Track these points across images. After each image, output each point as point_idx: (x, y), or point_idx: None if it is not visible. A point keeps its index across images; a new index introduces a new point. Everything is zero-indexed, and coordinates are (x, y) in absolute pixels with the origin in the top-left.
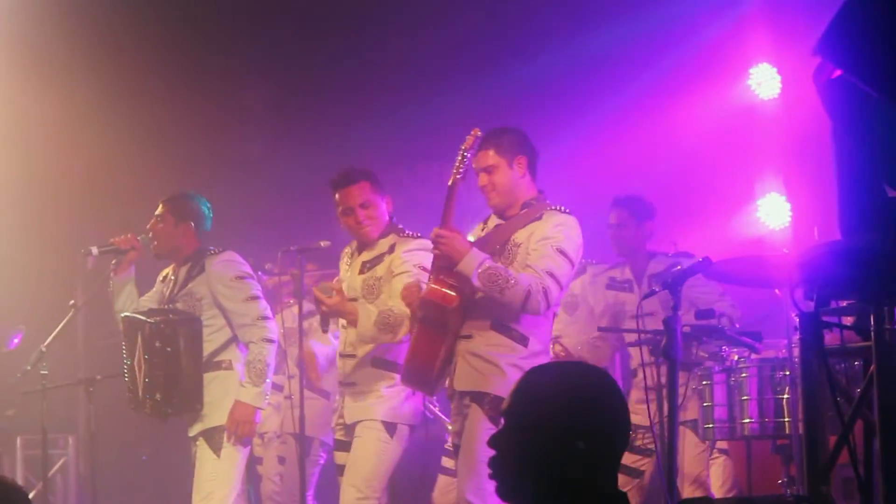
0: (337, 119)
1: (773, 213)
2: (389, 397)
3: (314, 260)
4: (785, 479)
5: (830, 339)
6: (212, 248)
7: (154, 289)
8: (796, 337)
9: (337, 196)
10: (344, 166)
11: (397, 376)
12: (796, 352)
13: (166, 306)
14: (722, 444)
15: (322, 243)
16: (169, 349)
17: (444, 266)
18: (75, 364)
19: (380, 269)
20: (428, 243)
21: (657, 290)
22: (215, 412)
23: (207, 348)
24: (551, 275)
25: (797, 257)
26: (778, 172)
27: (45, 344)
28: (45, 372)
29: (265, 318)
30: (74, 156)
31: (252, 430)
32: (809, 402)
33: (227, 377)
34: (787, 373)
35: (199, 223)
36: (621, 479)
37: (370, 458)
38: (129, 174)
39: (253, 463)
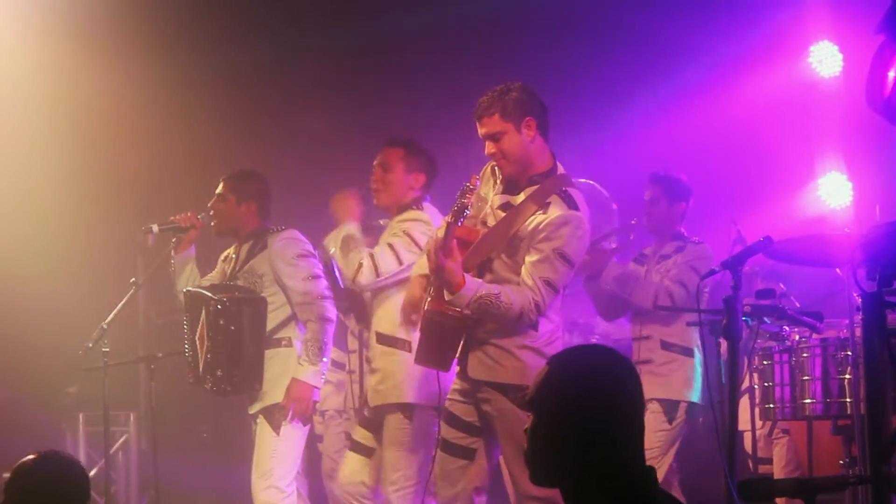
0: (397, 96)
1: (834, 192)
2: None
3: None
4: (846, 460)
5: (893, 318)
6: (274, 226)
7: (216, 268)
8: (858, 317)
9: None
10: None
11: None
12: (858, 332)
13: (229, 283)
14: (783, 424)
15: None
16: (233, 328)
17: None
18: (136, 341)
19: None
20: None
21: (718, 270)
22: (275, 390)
23: (268, 325)
24: (548, 283)
25: (859, 236)
26: (839, 151)
27: (107, 321)
28: (107, 349)
29: (325, 296)
30: (135, 135)
31: (309, 408)
32: (872, 382)
33: (286, 354)
34: (849, 353)
35: (260, 202)
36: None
37: None
38: (189, 153)
39: (314, 440)
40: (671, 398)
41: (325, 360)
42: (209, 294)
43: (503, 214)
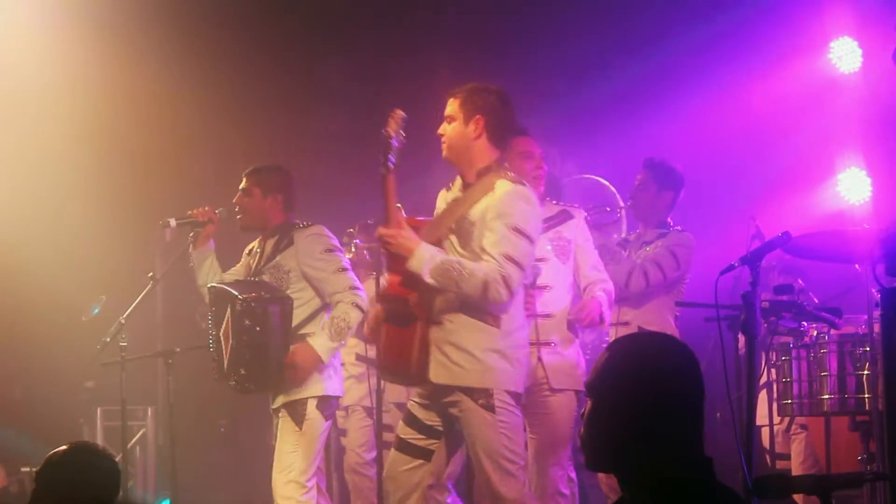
0: (414, 96)
1: (853, 188)
2: None
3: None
4: (864, 456)
5: None
6: (299, 221)
7: (241, 262)
8: (877, 312)
9: (519, 140)
10: None
11: None
12: (877, 327)
13: (254, 279)
14: (801, 420)
15: None
16: (258, 328)
17: (399, 260)
18: (154, 336)
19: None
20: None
21: (736, 265)
22: (299, 385)
23: (294, 321)
24: (509, 259)
25: (878, 232)
26: (858, 147)
27: (125, 316)
28: (125, 343)
29: (356, 287)
30: (153, 129)
31: (303, 376)
32: (890, 378)
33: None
34: (868, 349)
35: (286, 195)
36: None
37: None
38: (208, 147)
39: (337, 435)
40: None
41: (343, 342)
42: (235, 292)
43: None
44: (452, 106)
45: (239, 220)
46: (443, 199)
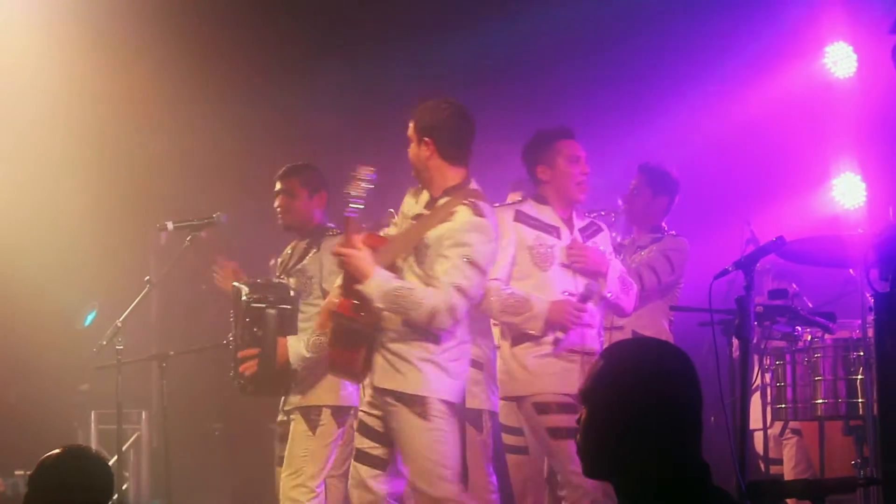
0: (407, 99)
1: (848, 193)
2: None
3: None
4: (858, 461)
5: None
6: (332, 225)
7: (281, 257)
8: (871, 317)
9: (566, 143)
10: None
11: None
12: (871, 332)
13: (276, 280)
14: (794, 425)
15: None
16: (256, 330)
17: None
18: (149, 339)
19: None
20: None
21: (730, 269)
22: (316, 391)
23: (316, 328)
24: (459, 289)
25: (872, 237)
26: (853, 152)
27: (121, 319)
28: (121, 347)
29: None
30: (149, 132)
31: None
32: (884, 382)
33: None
34: (862, 353)
35: (327, 191)
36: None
37: None
38: (205, 151)
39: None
40: None
41: (317, 356)
42: (245, 291)
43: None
44: (409, 127)
45: (281, 221)
46: (409, 206)
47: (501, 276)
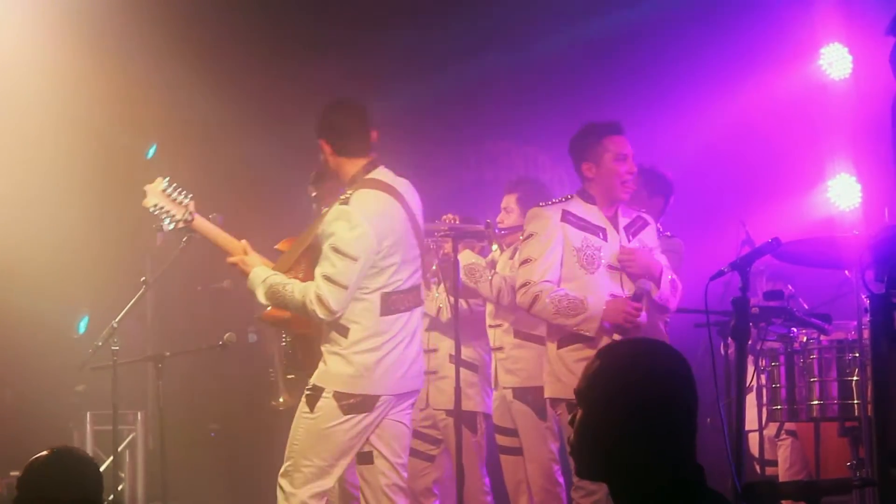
0: (406, 99)
1: (843, 194)
2: None
3: None
4: (853, 462)
5: None
6: None
7: None
8: (866, 319)
9: (614, 140)
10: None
11: None
12: (866, 334)
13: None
14: (790, 426)
15: None
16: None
17: None
18: (145, 340)
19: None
20: None
21: (726, 270)
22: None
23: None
24: (327, 278)
25: (868, 238)
26: (848, 153)
27: (117, 320)
28: (117, 347)
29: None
30: (146, 134)
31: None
32: (879, 384)
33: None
34: (857, 355)
35: None
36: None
37: None
38: (202, 153)
39: None
40: None
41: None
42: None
43: None
44: None
45: None
46: None
47: (552, 277)
